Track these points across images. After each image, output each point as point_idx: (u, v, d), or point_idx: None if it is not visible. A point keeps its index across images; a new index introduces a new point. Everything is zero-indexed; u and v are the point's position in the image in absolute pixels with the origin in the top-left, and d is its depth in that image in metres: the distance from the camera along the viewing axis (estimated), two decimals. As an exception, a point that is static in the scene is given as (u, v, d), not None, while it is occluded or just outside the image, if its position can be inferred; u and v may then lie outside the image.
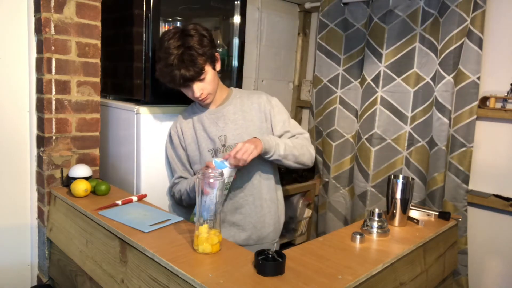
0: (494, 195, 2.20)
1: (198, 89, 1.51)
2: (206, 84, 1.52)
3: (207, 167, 1.40)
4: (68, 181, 1.61)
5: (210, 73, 1.51)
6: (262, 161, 1.53)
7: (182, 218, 1.34)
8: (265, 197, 1.62)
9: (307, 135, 1.63)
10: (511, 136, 2.16)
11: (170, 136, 1.69)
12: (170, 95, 1.85)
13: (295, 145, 1.53)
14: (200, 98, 1.54)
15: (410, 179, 1.43)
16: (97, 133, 1.74)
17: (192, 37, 1.46)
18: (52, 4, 1.55)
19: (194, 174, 1.64)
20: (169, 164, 1.72)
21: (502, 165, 2.19)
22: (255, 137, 1.45)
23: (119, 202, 1.46)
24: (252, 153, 1.38)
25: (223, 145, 1.57)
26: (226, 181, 1.41)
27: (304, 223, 2.96)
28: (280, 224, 1.71)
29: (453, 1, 2.12)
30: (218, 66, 1.56)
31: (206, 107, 1.63)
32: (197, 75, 1.47)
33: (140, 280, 1.14)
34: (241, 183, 1.58)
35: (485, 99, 2.18)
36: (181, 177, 1.66)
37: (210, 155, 1.57)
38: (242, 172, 1.55)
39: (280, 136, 1.58)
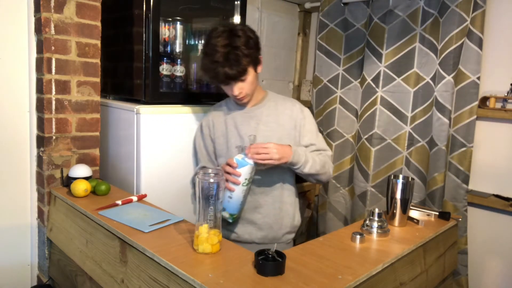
0: (494, 195, 2.20)
1: (238, 88, 1.54)
2: (246, 85, 1.55)
3: (228, 164, 1.45)
4: (68, 181, 1.61)
5: (251, 75, 1.54)
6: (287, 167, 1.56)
7: (182, 218, 1.34)
8: (285, 200, 1.66)
9: (330, 152, 1.67)
10: (511, 136, 2.16)
11: (201, 126, 1.73)
12: (170, 95, 1.85)
13: (320, 163, 1.56)
14: (238, 97, 1.58)
15: (410, 179, 1.43)
16: (97, 133, 1.74)
17: (240, 37, 1.49)
18: (52, 4, 1.55)
19: (218, 166, 1.68)
20: (195, 154, 1.78)
21: (502, 165, 2.19)
22: (290, 146, 1.49)
23: (119, 202, 1.46)
24: (271, 160, 1.43)
25: (252, 145, 1.58)
26: (245, 178, 1.45)
27: (304, 223, 2.96)
28: (296, 226, 1.74)
29: (453, 1, 2.12)
30: (259, 69, 1.59)
31: (242, 106, 1.66)
32: (240, 75, 1.50)
33: (140, 280, 1.14)
34: (264, 184, 1.62)
35: (485, 99, 2.18)
36: (204, 167, 1.69)
37: (237, 151, 1.59)
38: (265, 173, 1.59)
39: (305, 147, 1.61)
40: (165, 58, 1.82)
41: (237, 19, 2.05)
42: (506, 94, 2.13)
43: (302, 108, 1.68)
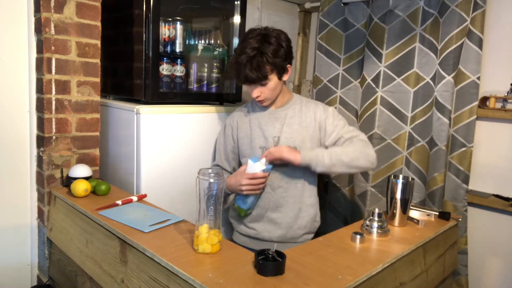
0: (494, 195, 2.20)
1: (257, 91, 1.60)
2: (266, 90, 1.60)
3: (251, 177, 1.53)
4: (68, 181, 1.61)
5: (273, 81, 1.58)
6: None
7: (182, 218, 1.34)
8: (306, 201, 1.70)
9: (363, 136, 1.66)
10: (511, 136, 2.16)
11: (225, 125, 1.80)
12: (170, 95, 1.86)
13: (346, 151, 1.57)
14: (257, 100, 1.64)
15: (410, 179, 1.43)
16: (97, 133, 1.74)
17: (270, 44, 1.53)
18: (52, 4, 1.55)
19: (240, 165, 1.74)
20: (214, 151, 1.86)
21: (502, 165, 2.19)
22: (298, 151, 1.55)
23: (119, 202, 1.46)
24: (281, 156, 1.52)
25: (275, 146, 1.63)
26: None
27: (304, 223, 2.95)
28: (316, 227, 1.78)
29: (453, 1, 2.12)
30: (286, 77, 1.63)
31: (264, 108, 1.71)
32: (259, 80, 1.55)
33: (140, 280, 1.14)
34: (285, 184, 1.66)
35: (485, 99, 2.18)
36: (217, 165, 1.80)
37: (261, 152, 1.65)
38: (287, 174, 1.66)
39: (334, 143, 1.64)
40: (165, 58, 1.82)
41: (237, 19, 2.05)
42: (506, 94, 2.13)
43: (325, 108, 1.71)
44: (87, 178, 1.60)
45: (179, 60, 1.87)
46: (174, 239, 1.18)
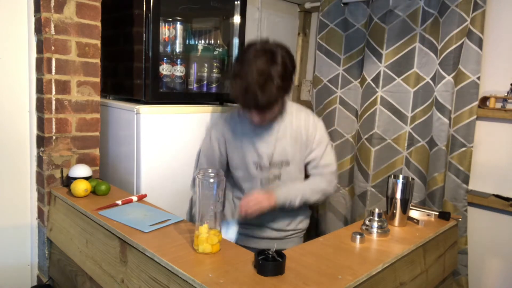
0: (494, 195, 2.20)
1: (260, 116, 1.50)
2: (270, 113, 1.51)
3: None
4: (68, 181, 1.61)
5: (279, 104, 1.50)
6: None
7: (182, 218, 1.34)
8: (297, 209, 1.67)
9: (333, 168, 1.64)
10: (511, 136, 2.16)
11: (210, 134, 1.67)
12: (170, 95, 1.86)
13: (311, 193, 1.59)
14: (255, 123, 1.54)
15: (410, 179, 1.43)
16: (97, 133, 1.74)
17: (277, 65, 1.41)
18: (52, 4, 1.55)
19: (230, 177, 1.70)
20: (198, 155, 1.75)
21: (502, 165, 2.19)
22: (271, 193, 1.51)
23: (119, 202, 1.46)
24: (259, 209, 1.47)
25: (270, 163, 1.59)
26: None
27: (304, 223, 2.95)
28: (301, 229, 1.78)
29: (453, 1, 2.12)
30: (289, 96, 1.55)
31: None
32: (269, 107, 1.45)
33: (140, 280, 1.14)
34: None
35: (485, 99, 2.18)
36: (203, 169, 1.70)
37: (255, 167, 1.60)
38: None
39: (308, 163, 1.64)
40: (165, 58, 1.82)
41: (237, 19, 2.04)
42: (506, 94, 2.13)
43: (315, 121, 1.64)
44: (87, 178, 1.60)
45: (179, 60, 1.87)
46: (174, 239, 1.18)
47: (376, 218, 1.33)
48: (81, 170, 1.62)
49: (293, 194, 1.55)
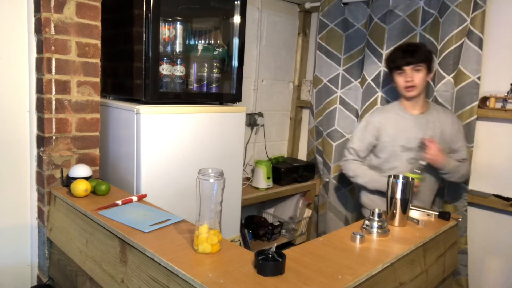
0: (494, 195, 2.20)
1: (410, 75, 1.89)
2: (416, 77, 1.89)
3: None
4: (68, 181, 1.61)
5: (422, 72, 1.90)
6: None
7: (182, 218, 1.34)
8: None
9: (469, 165, 2.01)
10: (511, 136, 2.16)
11: (367, 122, 2.06)
12: (170, 95, 1.86)
13: (459, 171, 1.94)
14: (406, 85, 1.90)
15: (410, 179, 1.43)
16: (97, 133, 1.74)
17: (425, 46, 1.97)
18: (52, 4, 1.55)
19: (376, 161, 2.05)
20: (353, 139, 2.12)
21: (502, 165, 2.19)
22: (445, 155, 1.88)
23: (119, 202, 1.46)
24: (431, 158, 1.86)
25: (420, 146, 1.91)
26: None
27: (304, 223, 2.96)
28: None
29: (453, 1, 2.12)
30: (429, 77, 1.96)
31: (403, 104, 2.00)
32: (414, 62, 1.87)
33: (140, 280, 1.14)
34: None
35: (485, 99, 2.18)
36: (357, 155, 2.08)
37: (401, 150, 1.94)
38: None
39: (451, 152, 1.97)
40: (165, 58, 1.82)
41: (237, 19, 2.04)
42: (506, 94, 2.13)
43: (457, 120, 2.04)
44: (87, 178, 1.60)
45: (179, 60, 1.87)
46: (174, 239, 1.18)
47: (376, 218, 1.33)
48: (81, 170, 1.62)
49: (450, 166, 1.89)
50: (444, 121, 1.96)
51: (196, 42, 2.03)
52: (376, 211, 1.34)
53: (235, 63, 2.07)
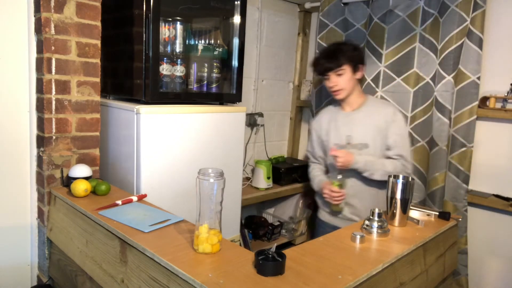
0: (494, 195, 2.20)
1: (333, 81, 1.88)
2: (341, 80, 1.87)
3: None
4: (68, 181, 1.61)
5: (347, 74, 1.87)
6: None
7: (182, 218, 1.34)
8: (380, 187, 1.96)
9: (406, 162, 1.87)
10: (511, 136, 2.16)
11: (312, 123, 2.14)
12: (170, 95, 1.86)
13: (385, 172, 1.83)
14: (332, 90, 1.90)
15: (410, 179, 1.43)
16: (97, 133, 1.74)
17: (346, 45, 1.92)
18: (52, 4, 1.55)
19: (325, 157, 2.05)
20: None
21: (502, 165, 2.19)
22: (353, 155, 1.83)
23: (119, 202, 1.46)
24: (343, 165, 1.83)
25: (348, 143, 1.90)
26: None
27: (304, 223, 2.96)
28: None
29: (453, 1, 2.12)
30: (359, 75, 1.92)
31: (341, 106, 1.99)
32: (334, 68, 1.84)
33: (140, 280, 1.14)
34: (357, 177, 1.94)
35: (485, 99, 2.18)
36: (313, 157, 2.13)
37: (336, 147, 1.92)
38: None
39: (386, 149, 1.89)
40: (165, 58, 1.82)
41: (237, 19, 2.04)
42: (506, 94, 2.13)
43: (395, 112, 1.91)
44: (87, 178, 1.60)
45: (179, 60, 1.87)
46: (174, 239, 1.18)
47: (376, 218, 1.33)
48: (81, 170, 1.62)
49: (367, 166, 1.83)
50: (378, 116, 1.89)
51: (196, 42, 2.03)
52: (376, 211, 1.34)
53: (235, 63, 2.07)
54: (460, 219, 1.62)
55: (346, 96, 1.92)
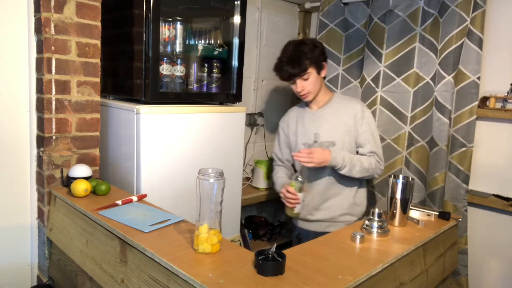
0: (494, 195, 2.20)
1: (300, 85, 1.84)
2: (308, 84, 1.84)
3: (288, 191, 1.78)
4: (68, 181, 1.61)
5: (313, 76, 1.83)
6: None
7: (182, 218, 1.34)
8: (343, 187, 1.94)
9: (379, 159, 1.87)
10: (511, 136, 2.16)
11: (281, 122, 2.08)
12: (170, 95, 1.86)
13: (363, 168, 1.81)
14: (300, 94, 1.87)
15: (410, 179, 1.43)
16: (97, 133, 1.74)
17: (306, 45, 1.82)
18: (52, 4, 1.55)
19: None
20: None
21: (502, 165, 2.19)
22: (330, 152, 1.76)
23: (119, 202, 1.46)
24: (312, 164, 1.73)
25: (315, 141, 1.87)
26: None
27: (304, 223, 2.95)
28: (357, 211, 1.99)
29: (453, 1, 2.12)
30: (323, 73, 1.89)
31: (308, 104, 1.96)
32: (300, 73, 1.80)
33: (140, 280, 1.14)
34: (317, 179, 1.92)
35: (485, 99, 2.18)
36: (279, 159, 2.09)
37: (304, 147, 1.90)
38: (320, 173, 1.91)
39: (358, 146, 1.88)
40: (165, 58, 1.82)
41: (237, 19, 2.04)
42: (506, 94, 2.13)
43: (364, 109, 1.90)
44: (87, 178, 1.60)
45: (179, 60, 1.87)
46: (174, 239, 1.18)
47: (376, 218, 1.33)
48: (81, 170, 1.62)
49: (345, 162, 1.77)
50: (345, 113, 1.87)
51: (196, 42, 2.03)
52: (376, 211, 1.34)
53: (235, 63, 2.07)
54: (460, 219, 1.62)
55: (315, 97, 1.90)
